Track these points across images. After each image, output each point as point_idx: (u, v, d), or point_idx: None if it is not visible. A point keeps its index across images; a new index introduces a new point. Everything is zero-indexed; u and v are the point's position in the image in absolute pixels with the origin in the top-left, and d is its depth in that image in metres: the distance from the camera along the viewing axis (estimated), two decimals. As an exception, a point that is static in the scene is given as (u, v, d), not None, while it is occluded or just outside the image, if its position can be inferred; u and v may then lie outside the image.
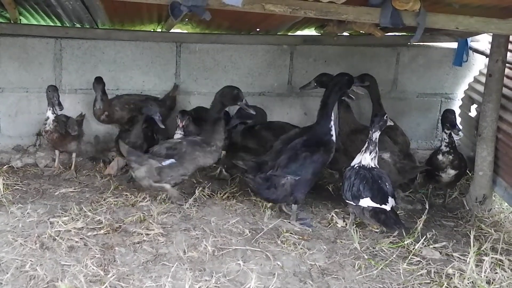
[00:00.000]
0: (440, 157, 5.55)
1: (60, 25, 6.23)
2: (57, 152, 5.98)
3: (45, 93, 5.67)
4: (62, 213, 4.84)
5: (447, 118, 5.50)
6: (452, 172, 5.56)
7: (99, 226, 4.65)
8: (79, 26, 6.23)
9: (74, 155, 5.95)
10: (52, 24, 6.25)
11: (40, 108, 6.18)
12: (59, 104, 5.58)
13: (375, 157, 4.87)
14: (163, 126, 5.49)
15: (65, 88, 6.30)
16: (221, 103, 5.06)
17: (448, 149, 5.52)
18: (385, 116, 4.92)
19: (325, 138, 5.01)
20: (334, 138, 5.04)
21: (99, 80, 5.94)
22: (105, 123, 6.32)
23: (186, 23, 6.23)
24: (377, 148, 4.87)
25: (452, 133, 5.50)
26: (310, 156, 4.90)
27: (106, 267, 4.05)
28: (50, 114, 5.64)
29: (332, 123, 5.04)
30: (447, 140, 5.52)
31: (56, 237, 4.40)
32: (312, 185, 5.06)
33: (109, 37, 6.26)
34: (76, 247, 4.30)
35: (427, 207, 5.14)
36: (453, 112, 5.60)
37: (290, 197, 4.93)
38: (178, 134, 5.57)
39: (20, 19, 6.12)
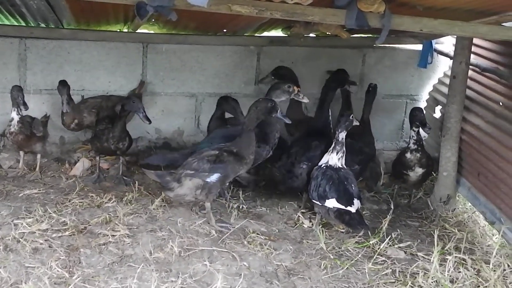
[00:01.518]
0: (408, 155, 5.56)
1: (24, 24, 6.15)
2: (21, 153, 5.88)
3: (9, 93, 5.58)
4: (26, 215, 4.78)
5: (416, 117, 5.49)
6: (420, 170, 5.59)
7: (64, 227, 4.61)
8: (44, 26, 6.15)
9: (39, 156, 5.86)
10: (16, 23, 6.16)
11: (4, 109, 6.09)
12: (24, 104, 5.50)
13: (342, 157, 4.90)
14: (147, 122, 5.40)
15: (30, 88, 6.21)
16: (256, 117, 4.86)
17: (416, 146, 5.53)
18: (351, 116, 4.95)
19: (326, 130, 5.39)
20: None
21: (63, 83, 5.79)
22: (75, 131, 6.26)
23: (152, 24, 6.19)
24: (344, 148, 4.90)
25: (422, 131, 5.51)
26: (319, 145, 5.23)
27: (71, 269, 4.02)
28: (15, 115, 5.55)
29: (330, 117, 5.39)
30: (415, 138, 5.53)
31: (20, 239, 4.35)
32: None
33: (75, 37, 6.19)
34: (41, 249, 4.26)
35: (392, 207, 5.18)
36: (421, 110, 5.61)
37: (307, 185, 5.11)
38: None
39: (-17, 19, 6.04)
